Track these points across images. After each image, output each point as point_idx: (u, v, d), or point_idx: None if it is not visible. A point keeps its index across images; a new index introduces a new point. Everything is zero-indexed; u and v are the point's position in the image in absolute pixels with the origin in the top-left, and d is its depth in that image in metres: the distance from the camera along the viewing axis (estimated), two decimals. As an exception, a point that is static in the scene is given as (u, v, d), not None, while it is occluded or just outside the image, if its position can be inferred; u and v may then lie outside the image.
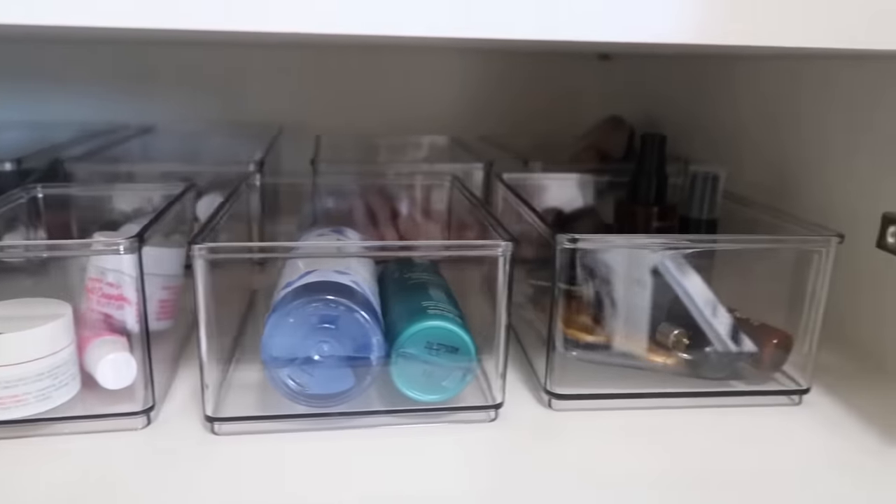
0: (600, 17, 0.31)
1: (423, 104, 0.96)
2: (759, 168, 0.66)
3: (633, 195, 0.60)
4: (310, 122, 0.94)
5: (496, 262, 0.39)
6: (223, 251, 0.38)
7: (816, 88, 0.59)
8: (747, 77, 0.69)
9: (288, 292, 0.40)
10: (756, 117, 0.67)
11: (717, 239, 0.48)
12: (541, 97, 0.98)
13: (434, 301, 0.43)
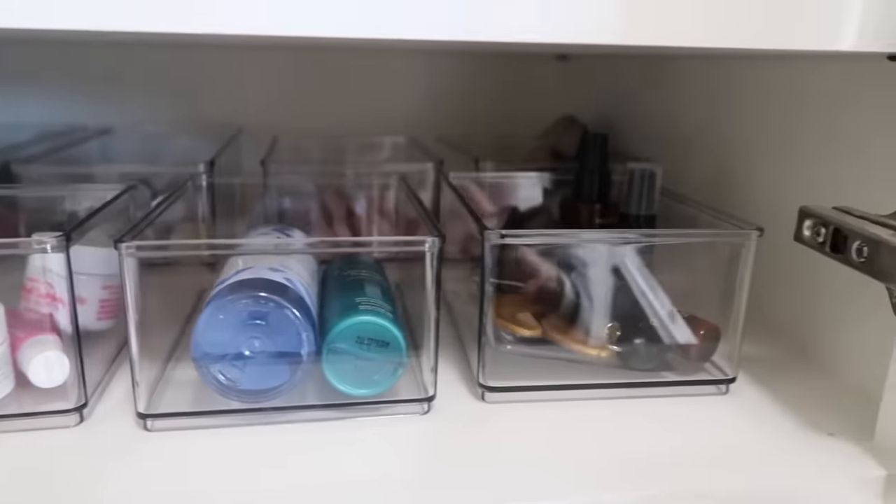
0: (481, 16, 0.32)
1: (385, 105, 0.96)
2: (703, 164, 0.68)
3: (576, 193, 0.61)
4: (275, 123, 0.94)
5: (424, 258, 0.40)
6: (149, 249, 0.38)
7: (751, 88, 0.60)
8: (692, 76, 0.71)
9: (221, 289, 0.41)
10: (700, 115, 0.69)
11: (639, 234, 0.50)
12: (500, 98, 0.99)
13: (367, 297, 0.43)
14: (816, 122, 0.52)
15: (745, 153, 0.61)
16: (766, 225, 0.45)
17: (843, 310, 0.49)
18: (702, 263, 0.49)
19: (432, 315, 0.41)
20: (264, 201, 0.67)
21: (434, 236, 0.40)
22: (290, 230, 0.54)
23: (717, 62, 0.67)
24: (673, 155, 0.74)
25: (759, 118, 0.60)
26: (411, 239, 0.40)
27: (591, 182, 0.60)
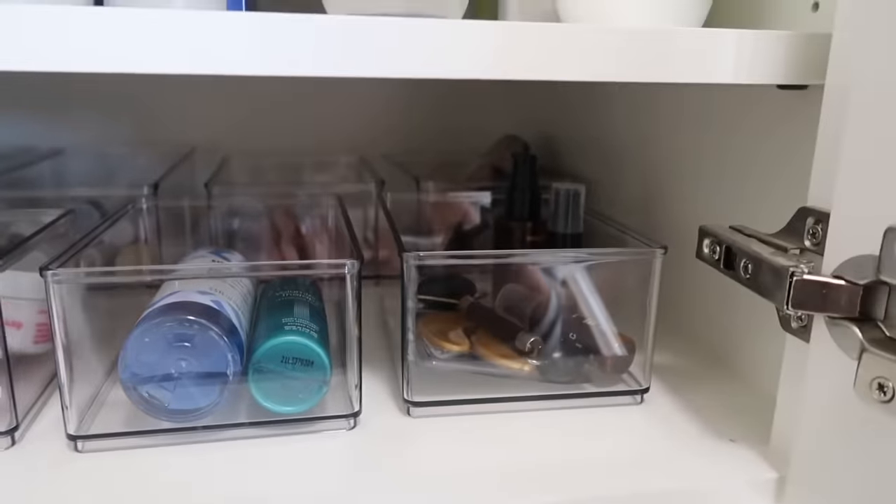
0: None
1: (338, 124, 0.98)
2: (632, 183, 0.71)
3: (508, 212, 0.64)
4: (230, 143, 0.95)
5: (345, 279, 0.42)
6: (75, 279, 0.40)
7: (668, 110, 0.64)
8: (620, 97, 0.74)
9: (150, 312, 0.43)
10: (629, 135, 0.72)
11: (556, 253, 0.52)
12: (449, 117, 1.01)
13: (294, 318, 0.45)
14: (721, 144, 0.56)
15: (666, 172, 0.65)
16: (680, 241, 0.48)
17: (752, 320, 0.52)
18: (618, 280, 0.52)
19: (353, 333, 0.43)
20: (209, 223, 0.69)
21: (353, 258, 0.42)
22: (227, 253, 0.55)
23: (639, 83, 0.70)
24: (607, 174, 0.77)
25: (675, 139, 0.63)
26: (331, 262, 0.42)
27: (522, 201, 0.63)
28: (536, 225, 0.63)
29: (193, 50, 0.33)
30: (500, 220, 0.65)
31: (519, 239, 0.63)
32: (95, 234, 0.48)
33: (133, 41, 0.32)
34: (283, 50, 0.33)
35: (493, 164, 0.88)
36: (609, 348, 0.50)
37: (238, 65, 0.33)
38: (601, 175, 0.78)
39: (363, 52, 0.34)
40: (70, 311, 0.41)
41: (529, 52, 0.36)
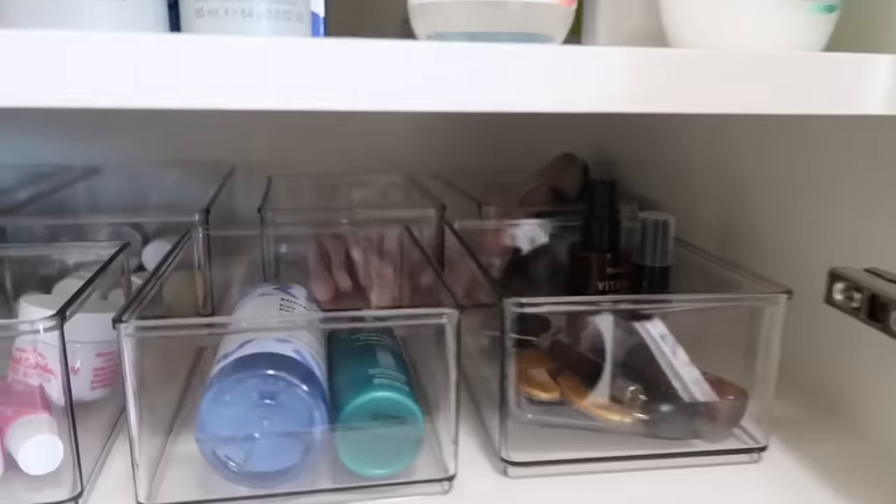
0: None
1: (379, 140, 0.94)
2: (712, 210, 0.66)
3: (585, 242, 0.59)
4: (266, 160, 0.92)
5: (443, 329, 0.38)
6: (153, 330, 0.36)
7: (768, 132, 0.59)
8: (700, 116, 0.69)
9: (225, 365, 0.38)
10: (710, 158, 0.68)
11: (665, 299, 0.47)
12: (496, 133, 0.97)
13: (381, 367, 0.41)
14: (835, 174, 0.51)
15: (758, 200, 0.60)
16: (784, 279, 0.43)
17: (875, 366, 0.47)
18: (721, 323, 0.47)
19: (452, 393, 0.39)
20: (262, 251, 0.65)
21: (453, 307, 0.38)
22: (292, 289, 0.51)
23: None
24: (678, 198, 0.73)
25: (775, 165, 0.58)
26: (428, 311, 0.38)
27: (601, 230, 0.59)
28: (616, 256, 0.58)
29: (283, 86, 0.28)
30: (576, 250, 0.60)
31: (597, 271, 0.58)
32: (161, 274, 0.44)
33: (215, 74, 0.28)
34: (391, 86, 0.29)
35: (551, 184, 0.84)
36: (720, 399, 0.45)
37: (332, 101, 0.29)
38: (666, 200, 0.74)
39: (495, 86, 0.30)
40: (140, 362, 0.37)
41: (672, 82, 0.32)
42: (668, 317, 0.46)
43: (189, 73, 0.27)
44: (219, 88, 0.28)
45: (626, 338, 0.50)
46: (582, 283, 0.58)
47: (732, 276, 0.49)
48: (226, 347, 0.41)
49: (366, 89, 0.29)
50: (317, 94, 0.29)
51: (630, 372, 0.48)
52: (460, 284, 0.67)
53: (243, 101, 0.28)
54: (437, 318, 0.37)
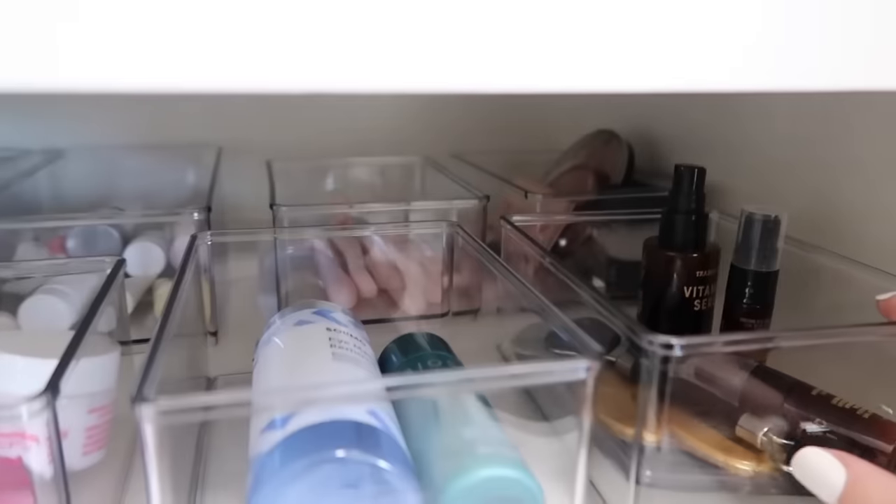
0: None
1: (377, 117, 0.83)
2: (793, 194, 0.58)
3: (666, 239, 0.50)
4: (254, 139, 0.80)
5: (578, 384, 0.28)
6: (179, 411, 0.25)
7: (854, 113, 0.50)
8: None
9: (278, 443, 0.28)
10: (785, 131, 0.59)
11: (834, 333, 0.37)
12: (507, 108, 0.87)
13: (480, 428, 0.31)
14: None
15: (851, 184, 0.51)
16: None
17: None
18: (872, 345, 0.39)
19: (582, 465, 0.29)
20: (276, 253, 0.54)
21: (593, 357, 0.28)
22: (332, 311, 0.41)
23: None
24: (734, 182, 0.64)
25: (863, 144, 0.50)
26: (559, 366, 0.28)
27: (686, 226, 0.49)
28: (704, 256, 0.49)
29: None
30: (655, 249, 0.51)
31: (682, 273, 0.49)
32: (173, 309, 0.33)
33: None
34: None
35: (591, 166, 0.74)
36: (884, 443, 0.37)
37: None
38: (725, 183, 0.65)
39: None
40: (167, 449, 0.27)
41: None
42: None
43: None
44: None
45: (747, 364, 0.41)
46: (663, 286, 0.49)
47: (862, 279, 0.41)
48: (270, 405, 0.31)
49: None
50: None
51: (759, 410, 0.39)
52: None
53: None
54: (572, 371, 0.28)
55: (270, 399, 0.28)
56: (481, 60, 0.22)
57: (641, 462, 0.34)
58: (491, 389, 0.29)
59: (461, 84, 0.22)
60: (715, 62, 0.24)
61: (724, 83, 0.24)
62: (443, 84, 0.22)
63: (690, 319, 0.49)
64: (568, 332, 0.30)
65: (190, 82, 0.20)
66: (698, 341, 0.31)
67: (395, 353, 0.40)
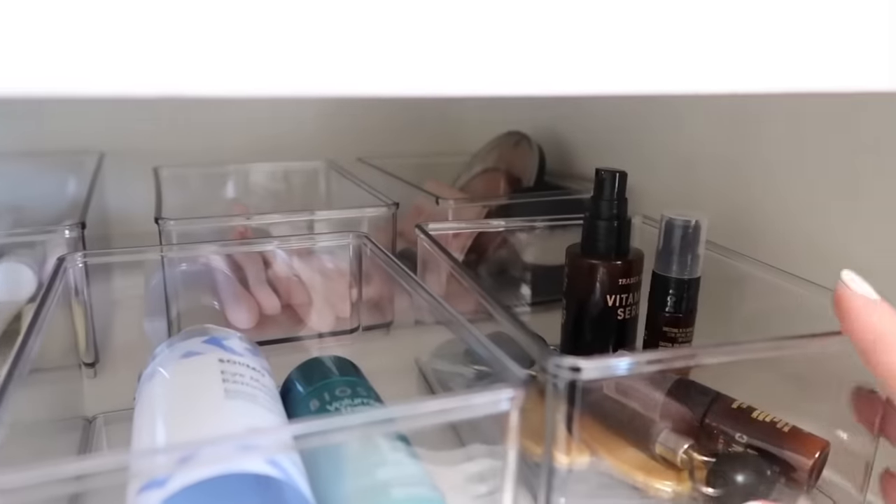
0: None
1: (277, 119, 0.79)
2: (711, 196, 0.58)
3: (589, 246, 0.49)
4: (139, 145, 0.74)
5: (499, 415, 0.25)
6: (29, 487, 0.20)
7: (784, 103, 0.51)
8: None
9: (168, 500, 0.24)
10: (706, 135, 0.59)
11: (751, 349, 0.36)
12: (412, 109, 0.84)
13: (395, 467, 0.28)
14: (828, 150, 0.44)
15: (772, 187, 0.52)
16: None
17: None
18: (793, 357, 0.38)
19: (509, 492, 0.27)
20: (164, 272, 0.49)
21: (517, 385, 0.25)
22: (225, 338, 0.37)
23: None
24: (648, 183, 0.64)
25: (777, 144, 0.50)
26: (475, 394, 0.25)
27: (609, 232, 0.48)
28: (627, 264, 0.48)
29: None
30: (576, 256, 0.49)
31: (606, 282, 0.48)
32: (27, 348, 0.28)
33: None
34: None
35: (503, 169, 0.73)
36: (805, 456, 0.36)
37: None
38: (640, 185, 0.64)
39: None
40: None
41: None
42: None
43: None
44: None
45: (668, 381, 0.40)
46: (586, 294, 0.48)
47: (784, 287, 0.40)
48: (148, 464, 0.26)
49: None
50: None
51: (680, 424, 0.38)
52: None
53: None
54: (493, 403, 0.25)
55: (147, 459, 0.24)
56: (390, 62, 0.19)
57: (552, 488, 0.32)
58: (404, 428, 0.26)
59: (363, 87, 0.19)
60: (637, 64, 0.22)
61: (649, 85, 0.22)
62: (345, 88, 0.19)
63: (614, 329, 0.47)
64: (486, 354, 0.28)
65: (75, 85, 0.16)
66: (606, 364, 0.29)
67: (299, 381, 0.36)
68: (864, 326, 0.27)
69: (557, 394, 0.29)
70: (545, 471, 0.31)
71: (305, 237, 0.51)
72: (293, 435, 0.23)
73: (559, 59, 0.20)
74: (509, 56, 0.20)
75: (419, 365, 0.49)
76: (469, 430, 0.37)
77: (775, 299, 0.43)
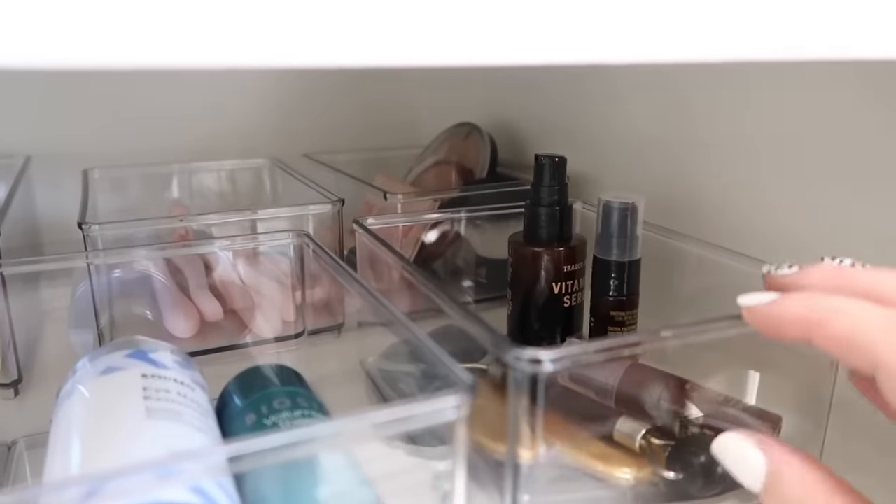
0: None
1: (219, 115, 0.75)
2: (654, 178, 0.57)
3: (531, 234, 0.47)
4: (66, 148, 0.70)
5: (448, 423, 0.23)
6: None
7: (720, 84, 0.50)
8: (636, 71, 0.59)
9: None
10: (648, 119, 0.58)
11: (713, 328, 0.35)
12: (360, 103, 0.82)
13: (338, 485, 0.26)
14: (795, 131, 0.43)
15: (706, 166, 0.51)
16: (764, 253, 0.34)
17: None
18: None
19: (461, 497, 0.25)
20: (91, 281, 0.45)
21: (462, 391, 0.23)
22: (151, 351, 0.34)
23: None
24: (600, 169, 0.63)
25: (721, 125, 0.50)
26: (421, 404, 0.23)
27: (551, 219, 0.47)
28: (571, 250, 0.47)
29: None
30: (519, 245, 0.48)
31: (551, 269, 0.46)
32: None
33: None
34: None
35: (453, 161, 0.71)
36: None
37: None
38: (590, 171, 0.63)
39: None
40: None
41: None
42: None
43: None
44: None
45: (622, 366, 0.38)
46: (531, 283, 0.47)
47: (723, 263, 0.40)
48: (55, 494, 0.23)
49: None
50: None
51: (636, 409, 0.37)
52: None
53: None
54: (438, 411, 0.23)
55: (48, 494, 0.21)
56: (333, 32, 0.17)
57: (518, 484, 0.30)
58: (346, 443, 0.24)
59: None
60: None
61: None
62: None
63: (561, 317, 0.46)
64: (430, 356, 0.26)
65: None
66: (568, 353, 0.28)
67: (237, 393, 0.34)
68: (792, 323, 0.24)
69: (518, 387, 0.27)
70: (509, 468, 0.30)
71: (244, 238, 0.48)
72: (212, 459, 0.21)
73: (520, 26, 0.19)
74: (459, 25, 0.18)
75: (365, 368, 0.46)
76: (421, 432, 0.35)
77: (716, 276, 0.43)
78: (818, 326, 0.23)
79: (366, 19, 0.17)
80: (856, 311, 0.22)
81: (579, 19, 0.19)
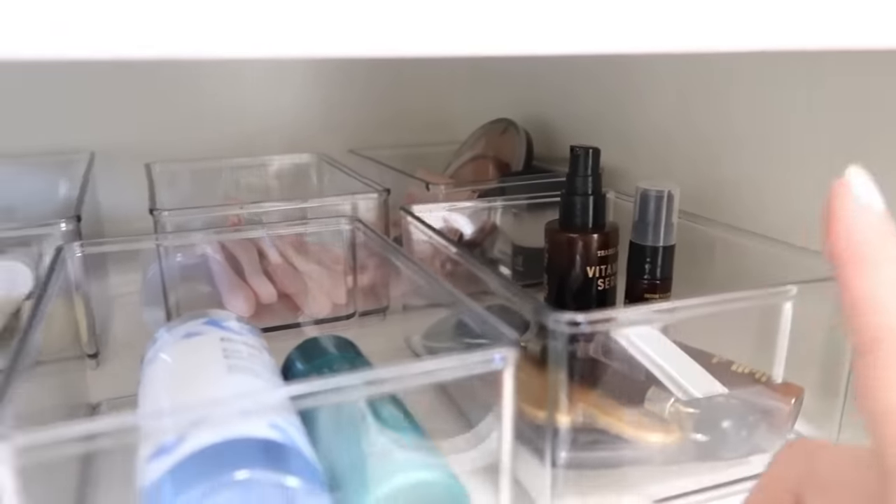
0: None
1: (267, 113, 0.79)
2: (683, 171, 0.59)
3: (566, 221, 0.50)
4: (128, 144, 0.74)
5: (494, 375, 0.27)
6: (38, 448, 0.21)
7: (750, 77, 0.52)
8: (665, 66, 0.62)
9: (169, 471, 0.25)
10: (678, 113, 0.60)
11: (731, 299, 0.37)
12: (401, 100, 0.85)
13: (396, 431, 0.29)
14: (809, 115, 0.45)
15: (741, 159, 0.53)
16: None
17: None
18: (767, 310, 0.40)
19: (506, 464, 0.28)
20: (160, 263, 0.50)
21: (509, 344, 0.26)
22: (224, 320, 0.38)
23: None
24: (636, 159, 0.65)
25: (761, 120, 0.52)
26: (472, 354, 0.26)
27: (584, 207, 0.49)
28: (605, 236, 0.49)
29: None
30: (555, 231, 0.51)
31: (585, 254, 0.49)
32: (33, 326, 0.29)
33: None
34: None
35: (491, 155, 0.74)
36: (783, 403, 0.38)
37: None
38: (620, 164, 0.66)
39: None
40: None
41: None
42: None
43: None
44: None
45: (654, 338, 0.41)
46: (566, 268, 0.49)
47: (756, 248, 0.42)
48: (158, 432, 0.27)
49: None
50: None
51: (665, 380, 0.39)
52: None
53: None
54: (486, 361, 0.26)
55: (155, 421, 0.25)
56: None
57: (556, 444, 0.33)
58: (403, 388, 0.27)
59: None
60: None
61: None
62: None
63: (595, 299, 0.49)
64: (479, 321, 0.29)
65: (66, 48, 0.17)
66: (603, 316, 0.30)
67: (299, 360, 0.37)
68: (843, 233, 0.20)
69: (558, 348, 0.30)
70: (549, 427, 0.32)
71: (298, 223, 0.52)
72: (291, 395, 0.24)
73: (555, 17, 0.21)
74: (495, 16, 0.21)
75: (410, 345, 0.50)
76: (467, 399, 0.39)
77: (746, 260, 0.45)
78: (854, 270, 0.19)
79: (404, 10, 0.19)
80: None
81: (611, 9, 0.22)
